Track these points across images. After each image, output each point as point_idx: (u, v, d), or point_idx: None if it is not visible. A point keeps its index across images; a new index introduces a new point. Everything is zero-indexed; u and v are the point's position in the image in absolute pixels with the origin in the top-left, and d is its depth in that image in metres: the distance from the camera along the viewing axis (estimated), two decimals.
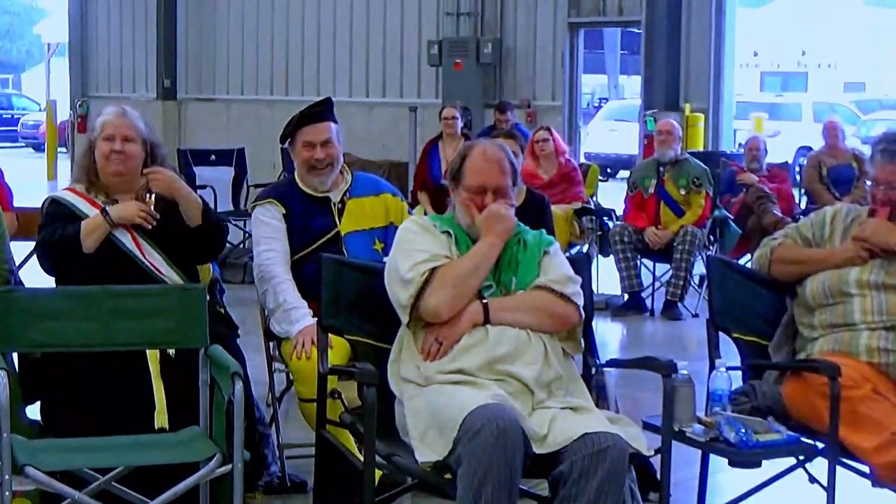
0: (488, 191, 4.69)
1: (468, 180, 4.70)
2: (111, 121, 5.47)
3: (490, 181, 4.69)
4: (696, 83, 16.44)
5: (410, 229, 4.78)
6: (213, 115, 21.54)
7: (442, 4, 18.61)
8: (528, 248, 4.77)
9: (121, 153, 5.42)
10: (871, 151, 5.23)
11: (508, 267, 4.74)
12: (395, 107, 18.81)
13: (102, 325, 4.92)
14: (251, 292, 6.22)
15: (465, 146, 4.86)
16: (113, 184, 5.47)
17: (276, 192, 6.01)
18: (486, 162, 4.71)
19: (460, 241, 4.72)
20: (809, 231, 5.27)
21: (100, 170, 5.45)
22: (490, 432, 4.05)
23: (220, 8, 21.46)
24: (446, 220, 4.81)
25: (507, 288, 4.70)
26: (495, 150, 4.77)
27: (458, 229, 4.74)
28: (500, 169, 4.71)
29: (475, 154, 4.73)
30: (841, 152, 12.63)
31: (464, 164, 4.73)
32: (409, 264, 4.60)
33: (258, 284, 5.77)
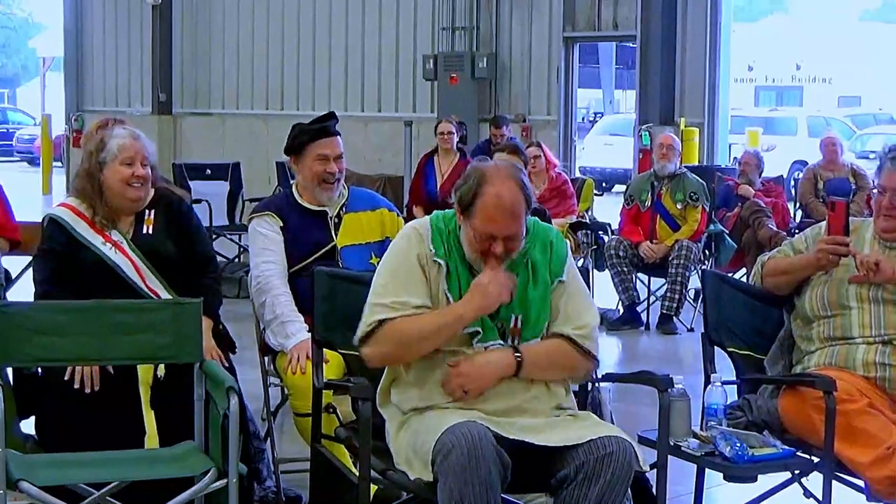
0: (498, 238, 4.32)
1: (477, 223, 4.31)
2: (129, 143, 5.39)
3: (501, 231, 4.31)
4: (691, 97, 16.47)
5: (399, 253, 4.50)
6: (209, 129, 21.56)
7: (437, 19, 18.64)
8: (539, 280, 4.47)
9: (142, 177, 5.38)
10: (880, 161, 5.22)
11: (510, 303, 4.42)
12: (390, 121, 18.84)
13: (98, 339, 4.90)
14: (246, 307, 6.21)
15: (479, 176, 4.35)
16: (126, 208, 5.42)
17: (273, 204, 6.00)
18: (499, 209, 4.28)
19: (452, 275, 4.41)
20: (803, 245, 5.27)
21: (115, 193, 5.37)
22: (459, 452, 4.02)
23: (215, 23, 21.49)
24: (447, 236, 4.47)
25: (505, 324, 4.45)
26: (510, 193, 4.31)
27: (456, 252, 4.44)
28: (513, 216, 4.30)
29: (489, 196, 4.28)
30: (838, 166, 12.67)
31: (475, 202, 4.31)
32: (373, 299, 4.43)
33: (255, 296, 5.76)
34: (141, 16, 22.35)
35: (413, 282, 4.41)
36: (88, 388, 5.07)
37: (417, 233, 4.48)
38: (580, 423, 4.33)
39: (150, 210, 5.47)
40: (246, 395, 5.07)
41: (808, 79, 47.12)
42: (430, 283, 4.41)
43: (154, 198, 5.52)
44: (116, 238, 5.38)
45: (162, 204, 5.53)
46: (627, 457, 4.15)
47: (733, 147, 19.93)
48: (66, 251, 5.35)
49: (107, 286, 5.29)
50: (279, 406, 6.20)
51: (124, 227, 5.43)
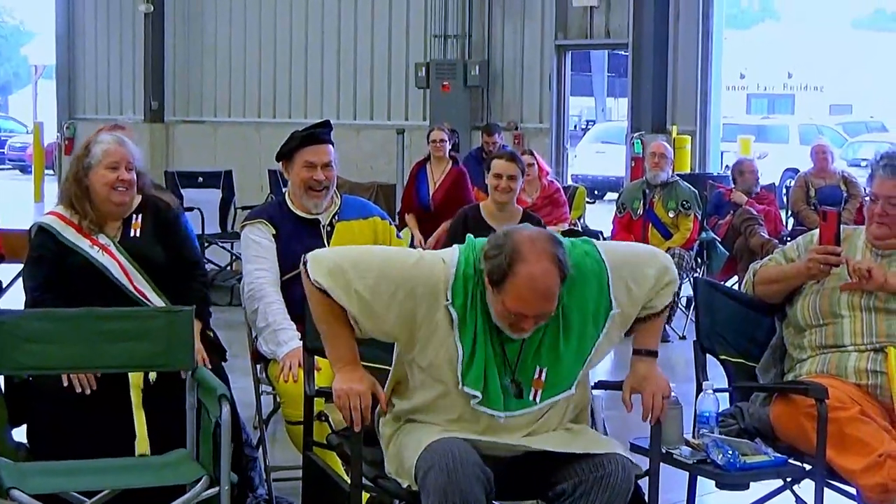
0: (530, 318, 4.04)
1: (507, 301, 3.99)
2: (114, 149, 5.42)
3: (532, 312, 4.02)
4: (683, 105, 16.49)
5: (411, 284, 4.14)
6: (201, 137, 21.55)
7: (429, 27, 18.65)
8: (573, 333, 4.18)
9: (126, 181, 5.40)
10: (871, 169, 5.23)
11: (536, 354, 4.19)
12: (382, 129, 18.84)
13: (89, 347, 4.90)
14: (238, 315, 6.21)
15: (512, 250, 3.99)
16: (112, 212, 5.44)
17: (266, 212, 6.01)
18: (532, 293, 3.96)
19: (467, 325, 4.11)
20: (795, 253, 5.28)
21: (101, 198, 5.40)
22: (439, 469, 3.98)
23: (207, 30, 21.49)
24: (474, 285, 4.13)
25: (524, 380, 4.18)
26: (545, 275, 3.98)
27: (481, 304, 4.13)
28: (547, 298, 4.00)
29: (522, 278, 3.95)
30: (829, 174, 12.67)
31: (506, 279, 3.98)
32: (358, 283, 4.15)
33: (248, 304, 5.76)
34: (133, 24, 22.34)
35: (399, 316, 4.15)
36: (86, 390, 5.07)
37: (441, 279, 4.13)
38: (579, 435, 4.29)
39: (137, 215, 5.50)
40: (238, 403, 5.08)
41: (799, 87, 47.25)
42: (429, 325, 4.14)
43: (142, 204, 5.54)
44: (104, 241, 5.40)
45: (150, 210, 5.56)
46: (626, 476, 4.13)
47: (725, 155, 19.95)
48: (55, 257, 5.36)
49: (95, 289, 5.30)
50: (271, 414, 6.19)
51: (111, 231, 5.45)
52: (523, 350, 4.17)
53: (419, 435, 4.19)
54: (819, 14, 56.94)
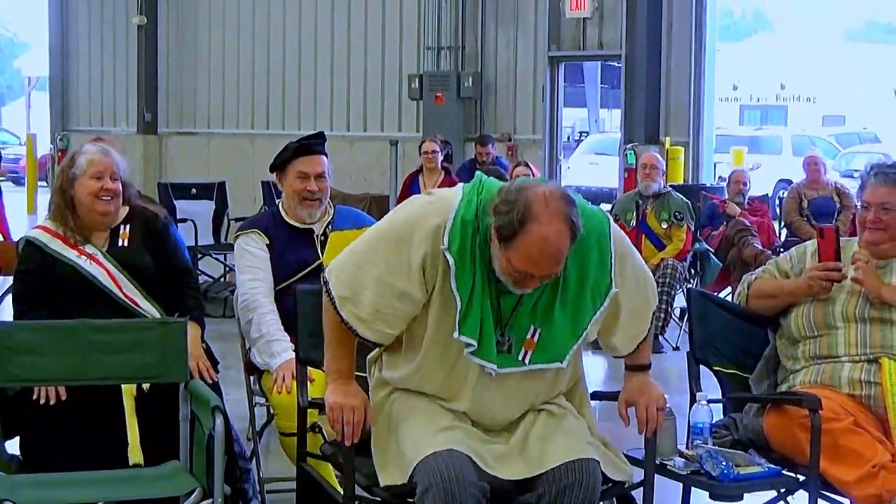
0: (536, 277, 3.94)
1: (515, 259, 3.86)
2: (98, 159, 5.46)
3: (540, 272, 3.91)
4: (676, 117, 16.52)
5: (400, 247, 4.03)
6: (194, 148, 21.56)
7: (423, 38, 18.68)
8: (569, 299, 4.09)
9: (111, 191, 5.42)
10: (862, 178, 5.24)
11: (532, 313, 4.09)
12: (376, 140, 18.86)
13: (82, 359, 4.90)
14: (232, 326, 6.21)
15: (525, 208, 3.83)
16: (97, 222, 5.46)
17: (260, 223, 6.01)
18: (542, 253, 3.84)
19: (465, 272, 3.98)
20: (788, 265, 5.28)
21: (85, 208, 5.42)
22: (437, 490, 3.94)
23: (200, 42, 21.50)
24: (473, 233, 3.99)
25: (516, 337, 4.09)
26: (558, 236, 3.85)
27: (480, 254, 4.00)
28: (557, 260, 3.89)
29: (533, 238, 3.82)
30: (822, 185, 12.69)
31: (517, 237, 3.83)
32: (352, 288, 4.10)
33: (241, 314, 5.76)
34: (126, 35, 22.36)
35: (411, 286, 4.04)
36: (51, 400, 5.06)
37: (435, 225, 3.99)
38: (551, 438, 4.19)
39: (125, 225, 5.52)
40: (231, 415, 5.07)
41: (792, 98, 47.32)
42: (427, 282, 4.04)
43: (129, 215, 5.57)
44: (91, 251, 5.43)
45: (138, 220, 5.59)
46: (591, 484, 4.09)
47: (718, 166, 19.97)
48: (41, 269, 5.37)
49: (83, 297, 5.32)
50: (265, 425, 6.18)
51: (98, 241, 5.48)
52: (519, 306, 4.07)
53: (415, 428, 4.14)
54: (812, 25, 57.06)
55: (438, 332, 4.10)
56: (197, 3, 21.60)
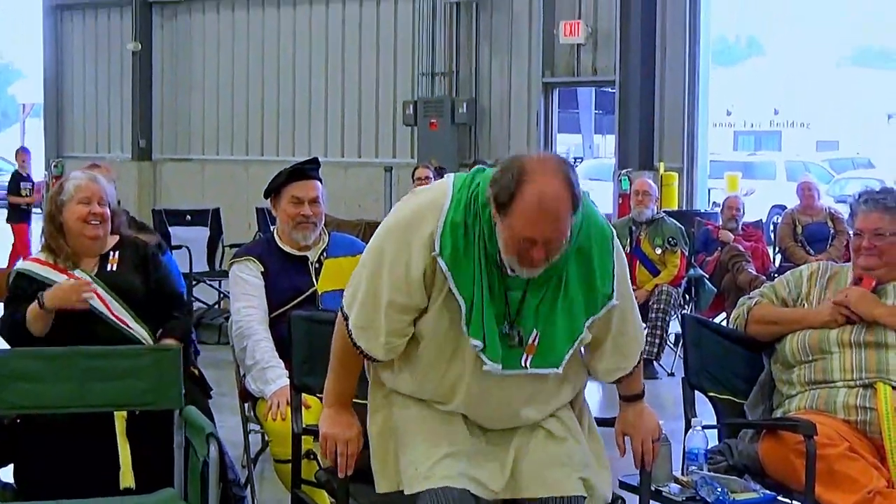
0: (538, 242, 3.80)
1: (515, 224, 3.76)
2: (85, 184, 5.51)
3: (541, 235, 3.77)
4: (670, 142, 16.53)
5: (392, 255, 3.95)
6: (189, 175, 21.56)
7: (417, 64, 18.70)
8: (570, 296, 4.00)
9: (99, 215, 5.46)
10: (852, 207, 5.26)
11: (536, 312, 3.99)
12: (370, 167, 18.87)
13: (76, 386, 4.90)
14: (226, 353, 6.21)
15: (519, 169, 3.78)
16: (86, 247, 5.49)
17: (254, 249, 6.02)
18: (541, 212, 3.73)
19: (463, 272, 3.89)
20: (785, 290, 5.29)
21: (74, 233, 5.47)
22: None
23: (195, 68, 21.53)
24: (469, 227, 3.91)
25: (523, 336, 3.98)
26: (554, 191, 3.75)
27: (479, 247, 3.91)
28: (556, 219, 3.76)
29: (529, 195, 3.73)
30: (816, 211, 12.72)
31: (513, 201, 3.75)
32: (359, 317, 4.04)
33: (236, 341, 5.76)
34: (121, 62, 22.38)
35: (412, 299, 3.96)
36: None
37: (428, 233, 3.91)
38: (547, 467, 4.13)
39: (114, 252, 5.55)
40: (226, 442, 5.06)
41: (786, 123, 47.41)
42: (427, 288, 3.95)
43: (118, 243, 5.60)
44: (80, 275, 5.45)
45: (127, 247, 5.64)
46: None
47: (712, 191, 19.99)
48: (31, 296, 5.38)
49: (74, 320, 5.33)
50: (259, 452, 6.17)
51: (88, 266, 5.53)
52: (524, 303, 3.97)
53: (414, 450, 4.07)
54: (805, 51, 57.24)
55: (436, 332, 4.01)
56: (191, 29, 21.64)
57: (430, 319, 4.00)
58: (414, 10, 18.79)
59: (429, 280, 3.94)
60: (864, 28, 58.34)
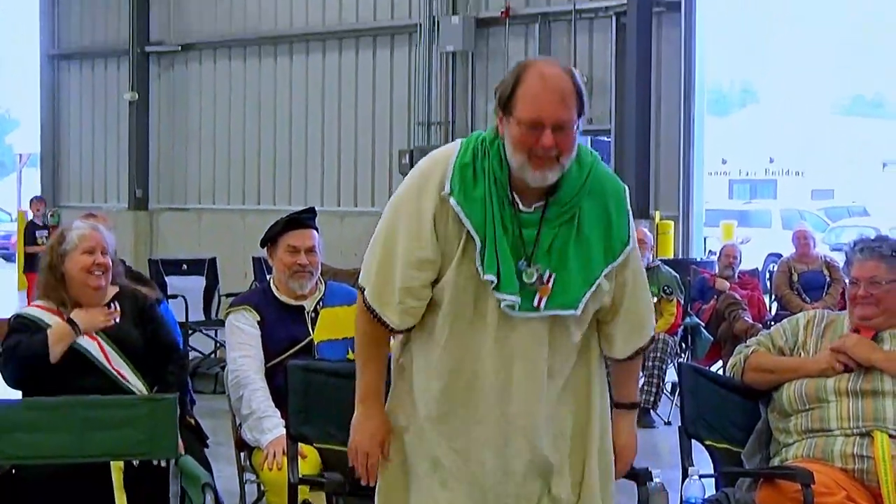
0: (546, 126, 3.75)
1: (520, 111, 3.77)
2: (89, 234, 5.51)
3: (547, 114, 3.74)
4: (665, 191, 16.57)
5: (407, 212, 3.92)
6: (185, 224, 21.58)
7: (413, 114, 18.76)
8: (582, 241, 3.93)
9: (102, 265, 5.47)
10: (848, 255, 5.27)
11: (548, 251, 3.90)
12: (366, 216, 18.88)
13: (73, 436, 4.89)
14: (222, 403, 6.19)
15: (520, 65, 3.83)
16: (88, 297, 5.49)
17: (250, 299, 6.02)
18: (545, 90, 3.75)
19: (476, 207, 3.84)
20: (782, 338, 5.29)
21: (77, 283, 5.47)
22: None
23: (192, 117, 21.59)
24: (478, 164, 3.90)
25: (540, 273, 3.88)
26: (556, 74, 3.78)
27: (492, 181, 3.88)
28: (561, 98, 3.76)
29: (531, 77, 3.78)
30: (812, 259, 12.73)
31: (516, 90, 3.78)
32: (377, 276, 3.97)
33: (232, 391, 5.75)
34: (118, 111, 22.44)
35: (425, 251, 3.89)
36: None
37: (438, 179, 3.91)
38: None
39: (114, 302, 5.55)
40: (222, 492, 5.06)
41: (781, 172, 47.51)
42: (439, 239, 3.90)
43: (118, 294, 5.61)
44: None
45: (127, 299, 5.65)
46: None
47: (708, 240, 20.01)
48: (34, 329, 5.39)
49: (74, 369, 5.35)
50: (255, 502, 6.15)
51: None
52: (539, 240, 3.88)
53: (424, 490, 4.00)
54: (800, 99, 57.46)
55: (457, 291, 3.91)
56: (188, 79, 21.72)
57: (451, 277, 3.90)
58: (410, 60, 18.87)
59: (441, 228, 3.89)
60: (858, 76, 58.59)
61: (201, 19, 21.43)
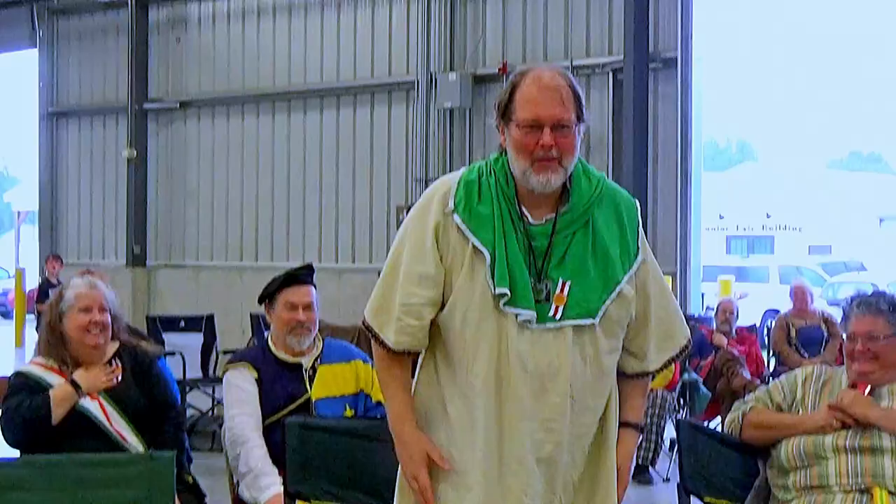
0: (545, 126, 3.81)
1: (518, 114, 3.84)
2: (86, 292, 5.52)
3: (546, 112, 3.81)
4: (663, 247, 16.56)
5: (413, 230, 3.95)
6: (183, 281, 21.56)
7: (411, 170, 18.79)
8: (599, 250, 3.92)
9: (100, 323, 5.47)
10: (845, 310, 5.27)
11: (562, 261, 3.89)
12: (364, 272, 18.87)
13: (69, 495, 4.85)
14: (220, 460, 6.17)
15: (515, 73, 3.92)
16: (87, 355, 5.49)
17: (248, 356, 6.02)
18: (542, 90, 3.82)
19: (485, 223, 3.85)
20: (780, 394, 5.29)
21: (75, 342, 5.47)
22: None
23: (189, 175, 21.62)
24: (483, 180, 3.95)
25: (551, 287, 3.85)
26: (553, 74, 3.87)
27: (496, 195, 3.90)
28: (559, 98, 3.82)
29: (528, 81, 3.86)
30: (809, 314, 12.73)
31: (514, 95, 3.87)
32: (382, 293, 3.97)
33: (229, 448, 5.74)
34: (116, 168, 22.48)
35: (425, 266, 3.88)
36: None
37: (442, 194, 3.95)
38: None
39: (115, 360, 5.55)
40: None
41: (778, 227, 47.62)
42: (441, 255, 3.89)
43: (119, 350, 5.60)
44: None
45: (128, 357, 5.63)
46: None
47: (706, 296, 20.01)
48: (34, 389, 5.38)
49: (75, 429, 5.34)
50: None
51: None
52: (551, 252, 3.87)
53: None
54: (796, 155, 57.64)
55: (470, 307, 3.86)
56: (186, 137, 21.77)
57: (459, 295, 3.86)
58: (407, 117, 18.92)
59: (444, 244, 3.89)
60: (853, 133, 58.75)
61: (200, 77, 21.50)
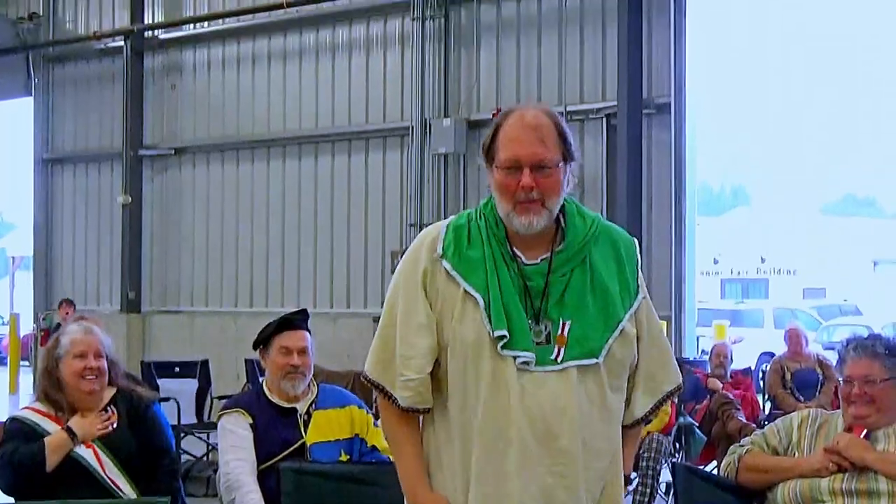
0: (524, 166, 3.69)
1: (500, 154, 3.72)
2: (81, 338, 5.52)
3: (525, 152, 3.69)
4: (657, 291, 16.55)
5: (404, 280, 3.86)
6: (177, 327, 21.54)
7: (405, 215, 18.81)
8: (597, 288, 3.82)
9: (95, 370, 5.47)
10: (841, 354, 5.27)
11: (560, 301, 3.78)
12: (359, 317, 18.87)
13: None
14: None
15: (502, 113, 3.80)
16: (83, 401, 5.49)
17: (243, 401, 6.02)
18: (523, 129, 3.70)
19: (476, 268, 3.76)
20: (776, 438, 5.29)
21: (71, 387, 5.47)
22: None
23: (184, 220, 21.64)
24: (472, 225, 3.86)
25: (552, 328, 3.75)
26: (536, 113, 3.75)
27: (486, 239, 3.81)
28: (540, 137, 3.70)
29: (511, 121, 3.75)
30: (804, 357, 12.73)
31: (497, 134, 3.76)
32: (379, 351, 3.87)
33: (224, 494, 5.73)
34: (111, 214, 22.49)
35: (419, 315, 3.79)
36: None
37: (430, 240, 3.87)
38: None
39: (111, 406, 5.54)
40: None
41: (773, 271, 47.62)
42: (430, 300, 3.80)
43: (115, 396, 5.60)
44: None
45: (124, 402, 5.62)
46: None
47: (701, 339, 20.00)
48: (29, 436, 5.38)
49: (70, 476, 5.33)
50: None
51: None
52: (548, 293, 3.76)
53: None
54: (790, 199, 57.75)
55: (465, 352, 3.75)
56: (181, 183, 21.79)
57: (452, 344, 3.76)
58: (402, 162, 18.95)
59: (433, 290, 3.80)
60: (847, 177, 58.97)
61: (195, 123, 21.55)
